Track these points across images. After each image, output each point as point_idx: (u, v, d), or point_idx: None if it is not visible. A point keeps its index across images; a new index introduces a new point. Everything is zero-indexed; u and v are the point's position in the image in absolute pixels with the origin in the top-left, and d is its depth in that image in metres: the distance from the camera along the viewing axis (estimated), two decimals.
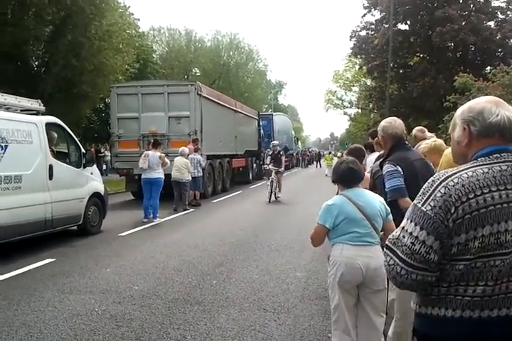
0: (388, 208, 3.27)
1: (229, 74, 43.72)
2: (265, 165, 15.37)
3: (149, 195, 10.36)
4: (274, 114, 35.69)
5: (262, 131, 25.03)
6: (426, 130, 5.35)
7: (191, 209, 12.05)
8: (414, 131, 5.37)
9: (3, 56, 17.59)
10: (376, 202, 3.27)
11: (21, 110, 7.68)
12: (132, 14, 26.00)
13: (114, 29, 20.18)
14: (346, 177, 3.32)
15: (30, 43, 18.69)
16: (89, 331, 4.07)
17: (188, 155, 12.22)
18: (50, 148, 7.68)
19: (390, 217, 3.24)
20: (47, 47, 19.44)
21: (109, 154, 20.28)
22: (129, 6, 24.53)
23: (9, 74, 17.24)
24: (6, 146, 6.56)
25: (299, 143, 50.02)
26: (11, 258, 6.56)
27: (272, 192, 14.11)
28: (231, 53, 45.04)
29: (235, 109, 18.93)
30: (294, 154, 40.65)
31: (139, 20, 28.77)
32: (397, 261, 1.56)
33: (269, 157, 14.88)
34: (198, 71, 44.04)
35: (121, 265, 6.40)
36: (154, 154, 10.47)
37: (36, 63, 20.20)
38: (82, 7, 17.97)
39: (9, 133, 6.67)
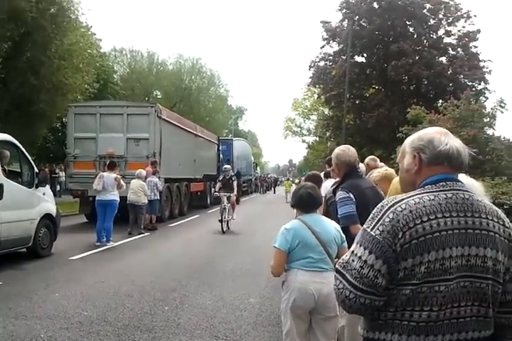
0: (343, 235, 3.35)
1: (190, 98, 43.88)
2: (215, 193, 13.88)
3: (103, 217, 10.13)
4: (234, 139, 35.93)
5: (221, 155, 25.10)
6: (378, 159, 5.58)
7: (147, 233, 11.85)
8: (367, 159, 5.57)
9: None
10: (332, 228, 3.34)
11: None
12: (94, 34, 25.94)
13: (75, 48, 20.02)
14: (304, 202, 3.39)
15: None
16: None
17: (146, 177, 12.09)
18: (1, 166, 7.46)
19: (345, 244, 3.31)
20: (4, 64, 19.02)
21: (64, 175, 19.79)
22: (91, 26, 24.43)
23: None
24: None
25: (258, 168, 50.32)
26: None
27: (223, 220, 12.61)
28: (193, 77, 45.34)
29: (195, 132, 18.95)
30: (253, 180, 40.82)
31: (100, 40, 28.73)
32: (346, 284, 1.58)
33: (219, 182, 13.55)
34: (159, 93, 44.00)
35: (71, 289, 6.21)
36: (110, 175, 10.30)
37: None
38: (43, 25, 17.79)
39: None
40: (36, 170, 8.51)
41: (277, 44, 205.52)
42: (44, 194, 8.65)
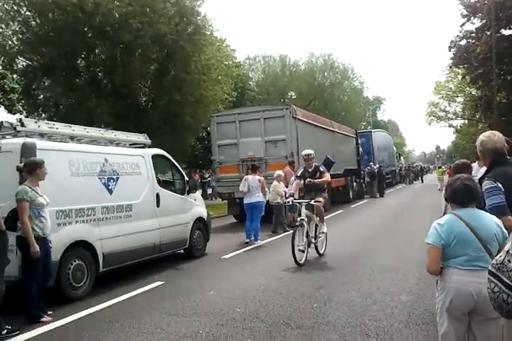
0: (506, 232, 2.98)
1: (324, 95, 43.85)
2: (288, 199, 8.63)
3: (251, 218, 10.67)
4: (372, 130, 34.96)
5: (360, 149, 24.64)
6: None
7: (291, 231, 12.07)
8: None
9: (116, 94, 19.31)
10: (492, 224, 3.00)
11: (130, 144, 8.35)
12: (228, 46, 27.28)
13: (213, 62, 21.27)
14: (460, 196, 3.08)
15: (137, 81, 20.28)
16: None
17: (283, 177, 12.32)
18: (156, 177, 8.24)
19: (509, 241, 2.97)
20: (152, 84, 20.99)
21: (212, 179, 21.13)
22: (225, 39, 25.77)
23: (120, 110, 18.83)
24: (118, 178, 7.16)
25: (402, 158, 48.20)
26: (122, 282, 7.05)
27: (298, 247, 7.85)
28: (325, 74, 45.22)
29: (331, 129, 18.91)
30: (397, 170, 39.25)
31: (235, 51, 30.10)
32: (503, 287, 1.43)
33: (295, 181, 9.00)
34: (293, 94, 44.70)
35: (224, 287, 6.60)
36: (254, 178, 10.80)
37: (144, 99, 21.81)
38: (183, 45, 19.23)
39: (120, 166, 7.28)
40: (186, 178, 9.25)
41: (410, 28, 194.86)
42: (195, 199, 9.36)
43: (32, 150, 5.82)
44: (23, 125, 6.18)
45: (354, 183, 22.44)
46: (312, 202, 8.19)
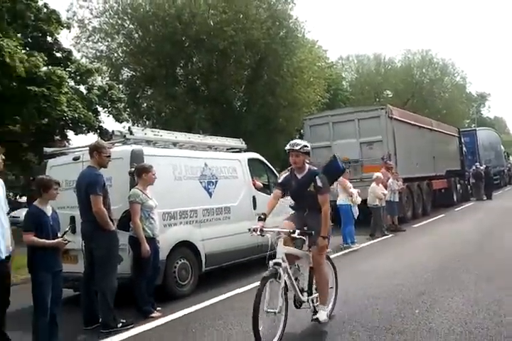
0: None
1: (422, 92, 42.08)
2: (254, 226, 4.76)
3: (343, 221, 10.57)
4: (477, 128, 32.92)
5: (464, 148, 23.35)
6: None
7: (390, 235, 11.80)
8: None
9: (212, 100, 20.09)
10: None
11: (227, 149, 8.65)
12: (320, 47, 27.22)
13: (305, 64, 21.37)
14: None
15: (232, 87, 20.93)
16: None
17: (384, 179, 12.06)
18: (252, 180, 8.45)
19: None
20: (246, 89, 21.53)
21: None
22: (317, 40, 25.77)
23: (216, 116, 19.55)
24: (216, 182, 7.47)
25: (511, 158, 44.82)
26: (226, 281, 7.31)
27: (273, 310, 4.37)
28: (423, 70, 43.44)
29: (431, 128, 18.12)
30: (505, 171, 36.57)
31: (326, 51, 29.94)
32: None
33: (273, 191, 5.56)
34: (389, 92, 43.42)
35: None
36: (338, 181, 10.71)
37: (238, 104, 22.44)
38: (275, 49, 19.53)
39: (218, 170, 7.59)
40: None
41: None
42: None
43: (140, 157, 6.26)
44: (131, 133, 6.66)
45: (458, 185, 21.29)
46: (297, 234, 4.56)
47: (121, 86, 20.52)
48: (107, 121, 62.44)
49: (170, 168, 6.74)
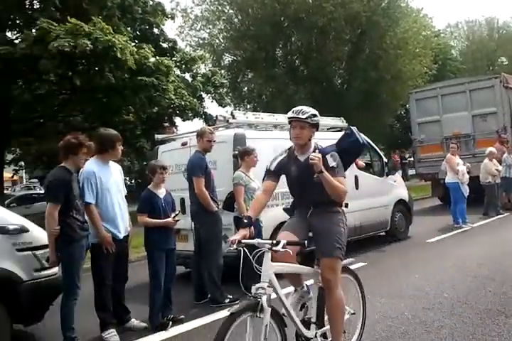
0: None
1: None
2: (233, 237, 3.18)
3: (453, 199, 10.06)
4: None
5: None
6: None
7: (505, 214, 11.00)
8: None
9: (312, 79, 19.92)
10: None
11: (328, 128, 8.59)
12: (426, 15, 25.61)
13: (409, 35, 20.32)
14: None
15: (332, 64, 20.54)
16: (399, 334, 4.25)
17: (499, 154, 11.24)
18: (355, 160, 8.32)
19: None
20: (347, 65, 21.01)
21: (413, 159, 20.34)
22: (422, 8, 24.29)
23: (317, 95, 19.37)
24: None
25: None
26: None
27: None
28: None
29: None
30: None
31: (432, 19, 28.12)
32: None
33: (263, 183, 3.75)
34: (504, 60, 39.72)
35: (429, 271, 6.41)
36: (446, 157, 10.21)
37: (339, 81, 22.01)
38: (377, 21, 18.78)
39: None
40: (385, 159, 9.14)
41: None
42: (395, 181, 9.20)
43: (242, 140, 6.46)
44: (234, 117, 6.88)
45: None
46: (281, 246, 3.04)
47: (223, 71, 21.07)
48: (211, 107, 64.75)
49: (271, 150, 6.82)
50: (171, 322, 4.78)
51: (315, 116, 3.44)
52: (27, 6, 14.44)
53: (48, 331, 4.77)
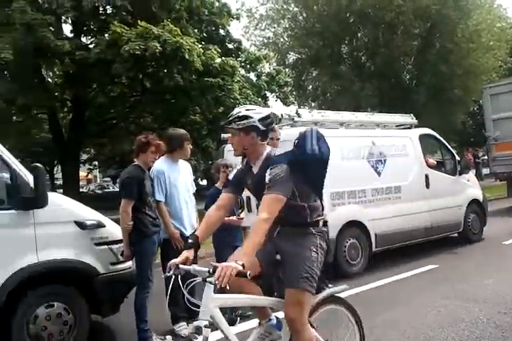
0: None
1: None
2: (172, 260, 2.69)
3: None
4: None
5: None
6: None
7: None
8: None
9: (379, 75, 19.48)
10: None
11: (396, 126, 8.38)
12: (500, 6, 24.31)
13: (483, 27, 19.40)
14: None
15: (400, 59, 19.98)
16: (474, 338, 4.08)
17: None
18: (424, 157, 8.06)
19: None
20: (416, 60, 20.36)
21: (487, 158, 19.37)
22: None
23: (384, 91, 18.92)
24: (385, 160, 7.31)
25: None
26: (395, 263, 7.15)
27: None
28: None
29: None
30: None
31: (506, 10, 26.64)
32: None
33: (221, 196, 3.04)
34: None
35: (504, 275, 6.09)
36: None
37: (407, 77, 21.36)
38: (447, 13, 18.07)
39: (387, 149, 7.41)
40: (457, 157, 8.78)
41: None
42: (468, 180, 8.81)
43: None
44: (299, 116, 6.89)
45: None
46: (213, 280, 2.39)
47: (287, 70, 21.08)
48: (275, 105, 64.70)
49: (337, 149, 6.78)
50: (239, 318, 4.85)
51: (242, 118, 2.74)
52: (100, 12, 15.14)
53: (123, 323, 4.99)
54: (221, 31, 17.52)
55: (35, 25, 11.97)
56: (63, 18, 14.34)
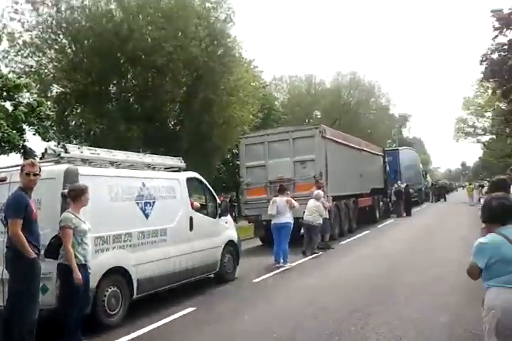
0: None
1: (349, 113, 43.73)
2: None
3: (279, 240, 10.65)
4: (399, 148, 34.69)
5: (387, 167, 24.47)
6: None
7: (320, 253, 12.02)
8: None
9: (146, 118, 19.71)
10: None
11: (165, 168, 8.51)
12: (256, 67, 27.50)
13: (241, 83, 21.37)
14: (498, 216, 3.15)
15: (167, 105, 20.68)
16: None
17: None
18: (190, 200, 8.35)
19: None
20: (182, 107, 21.35)
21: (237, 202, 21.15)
22: (254, 59, 25.97)
23: (150, 134, 19.19)
24: (154, 202, 7.28)
25: (428, 176, 47.45)
26: (154, 309, 6.98)
27: None
28: (351, 92, 45.17)
29: (359, 147, 18.85)
30: (423, 189, 38.54)
31: (262, 72, 30.38)
32: None
33: None
34: (318, 113, 44.75)
35: (258, 312, 6.63)
36: (282, 199, 10.85)
37: (173, 122, 22.17)
38: (213, 67, 19.50)
39: (156, 190, 7.42)
40: (219, 201, 9.36)
41: (436, 44, 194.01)
42: (226, 222, 9.45)
43: (75, 177, 5.96)
44: (66, 151, 6.35)
45: (381, 202, 22.24)
46: None
47: (49, 103, 19.69)
48: (32, 140, 59.24)
49: (106, 189, 6.52)
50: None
51: None
52: None
53: None
54: None
55: None
56: None
